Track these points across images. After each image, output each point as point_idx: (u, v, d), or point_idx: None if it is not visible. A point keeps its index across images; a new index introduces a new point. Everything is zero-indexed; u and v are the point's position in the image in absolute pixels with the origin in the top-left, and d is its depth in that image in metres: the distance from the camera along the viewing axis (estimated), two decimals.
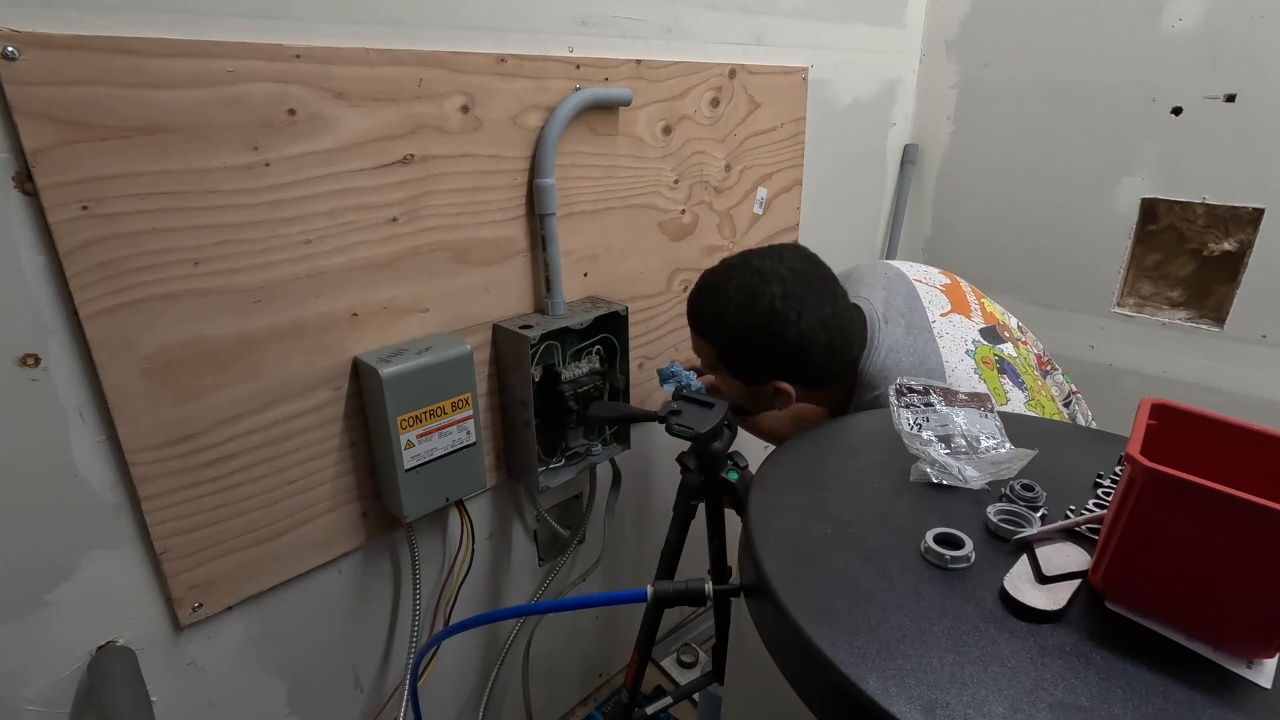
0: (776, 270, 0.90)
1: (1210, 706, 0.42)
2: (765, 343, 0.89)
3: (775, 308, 0.88)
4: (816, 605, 0.49)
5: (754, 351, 0.91)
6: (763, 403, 0.98)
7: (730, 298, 0.91)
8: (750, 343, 0.91)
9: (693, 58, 1.20)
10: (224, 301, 0.77)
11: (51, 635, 0.75)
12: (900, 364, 0.91)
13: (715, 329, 0.94)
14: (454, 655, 1.21)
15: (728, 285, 0.92)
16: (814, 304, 0.89)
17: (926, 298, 0.99)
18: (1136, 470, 0.45)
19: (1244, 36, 1.36)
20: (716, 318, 0.93)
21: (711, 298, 0.94)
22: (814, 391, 0.96)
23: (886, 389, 0.86)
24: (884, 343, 0.93)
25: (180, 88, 0.70)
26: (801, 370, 0.91)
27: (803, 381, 0.93)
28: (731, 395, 1.00)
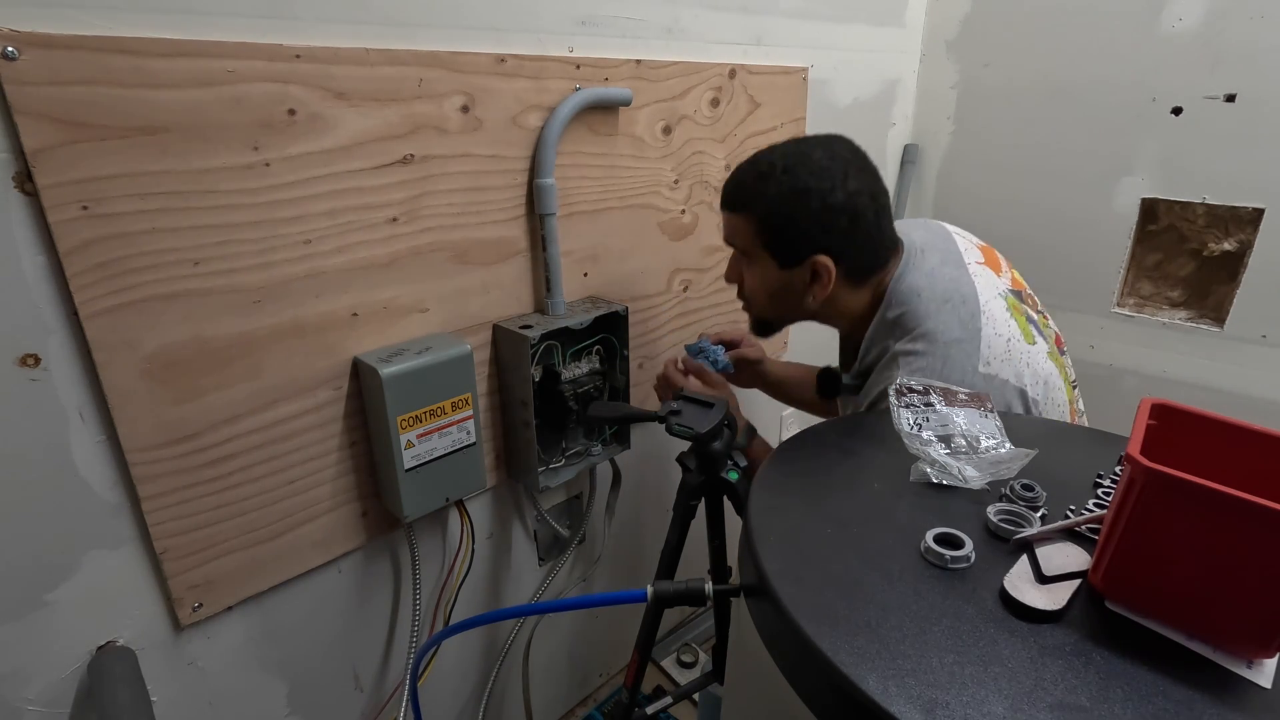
0: (820, 141, 0.89)
1: (1210, 706, 0.42)
2: (810, 205, 0.86)
3: (823, 166, 0.86)
4: (816, 605, 0.49)
5: (798, 215, 0.87)
6: (795, 294, 0.93)
7: (775, 163, 0.88)
8: (794, 206, 0.86)
9: (693, 58, 1.20)
10: (224, 301, 0.77)
11: (51, 635, 0.75)
12: (934, 287, 0.88)
13: (757, 197, 0.89)
14: (454, 655, 1.21)
15: (771, 155, 0.89)
16: (862, 172, 0.88)
17: (962, 245, 0.97)
18: (1136, 470, 0.45)
19: (1244, 36, 1.36)
20: (760, 184, 0.89)
21: (754, 167, 0.90)
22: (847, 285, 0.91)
23: (914, 306, 0.87)
24: (920, 267, 0.91)
25: (180, 88, 0.70)
26: (845, 240, 0.87)
27: (843, 255, 0.88)
28: (762, 290, 0.95)
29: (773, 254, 0.91)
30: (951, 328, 0.85)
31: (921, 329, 0.86)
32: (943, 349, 0.84)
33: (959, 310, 0.86)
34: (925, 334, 0.85)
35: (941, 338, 0.84)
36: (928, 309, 0.87)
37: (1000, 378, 0.84)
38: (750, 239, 0.92)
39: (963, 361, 0.83)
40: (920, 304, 0.87)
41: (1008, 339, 0.86)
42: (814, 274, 0.90)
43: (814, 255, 0.88)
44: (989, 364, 0.84)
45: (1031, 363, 0.87)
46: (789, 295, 0.94)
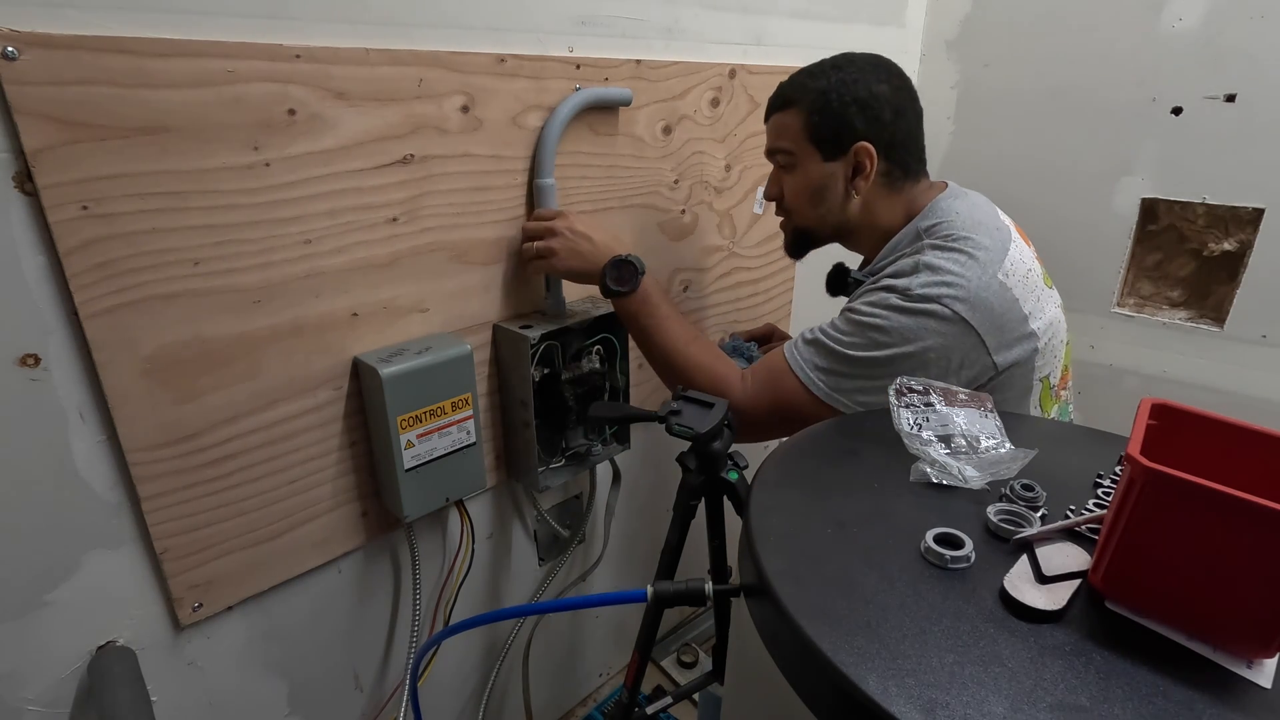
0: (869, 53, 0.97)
1: (1210, 706, 0.42)
2: (858, 93, 0.92)
3: (871, 65, 0.94)
4: (816, 605, 0.49)
5: (846, 101, 0.93)
6: (837, 191, 0.98)
7: (823, 64, 0.96)
8: (842, 94, 0.93)
9: (693, 58, 1.20)
10: (224, 301, 0.77)
11: (52, 635, 0.75)
12: (973, 213, 0.93)
13: (807, 90, 0.95)
14: (454, 655, 1.21)
15: (820, 61, 0.97)
16: (901, 80, 0.95)
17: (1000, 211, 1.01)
18: (1136, 470, 0.45)
19: (1244, 36, 1.36)
20: (810, 79, 0.96)
21: (804, 70, 0.98)
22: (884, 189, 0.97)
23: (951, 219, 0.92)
24: (962, 197, 0.96)
25: (180, 88, 0.70)
26: (891, 129, 0.93)
27: (886, 145, 0.94)
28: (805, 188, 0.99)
29: (818, 145, 0.96)
30: (982, 240, 0.90)
31: (955, 235, 0.90)
32: (970, 251, 0.88)
33: (992, 232, 0.91)
34: (957, 239, 0.90)
35: (969, 245, 0.89)
36: (964, 224, 0.91)
37: (1013, 294, 0.88)
38: (796, 133, 0.97)
39: (987, 264, 0.88)
40: (957, 219, 0.92)
41: (1029, 269, 0.92)
42: (856, 165, 0.95)
43: (857, 143, 0.93)
44: (1008, 276, 0.88)
45: (1043, 300, 0.92)
46: (831, 192, 0.98)
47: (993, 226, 0.92)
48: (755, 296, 1.54)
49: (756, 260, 1.50)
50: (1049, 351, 0.92)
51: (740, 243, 1.45)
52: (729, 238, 1.42)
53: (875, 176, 0.95)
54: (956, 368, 0.87)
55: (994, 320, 0.86)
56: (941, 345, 0.86)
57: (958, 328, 0.85)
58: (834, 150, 0.95)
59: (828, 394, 0.91)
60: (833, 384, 0.91)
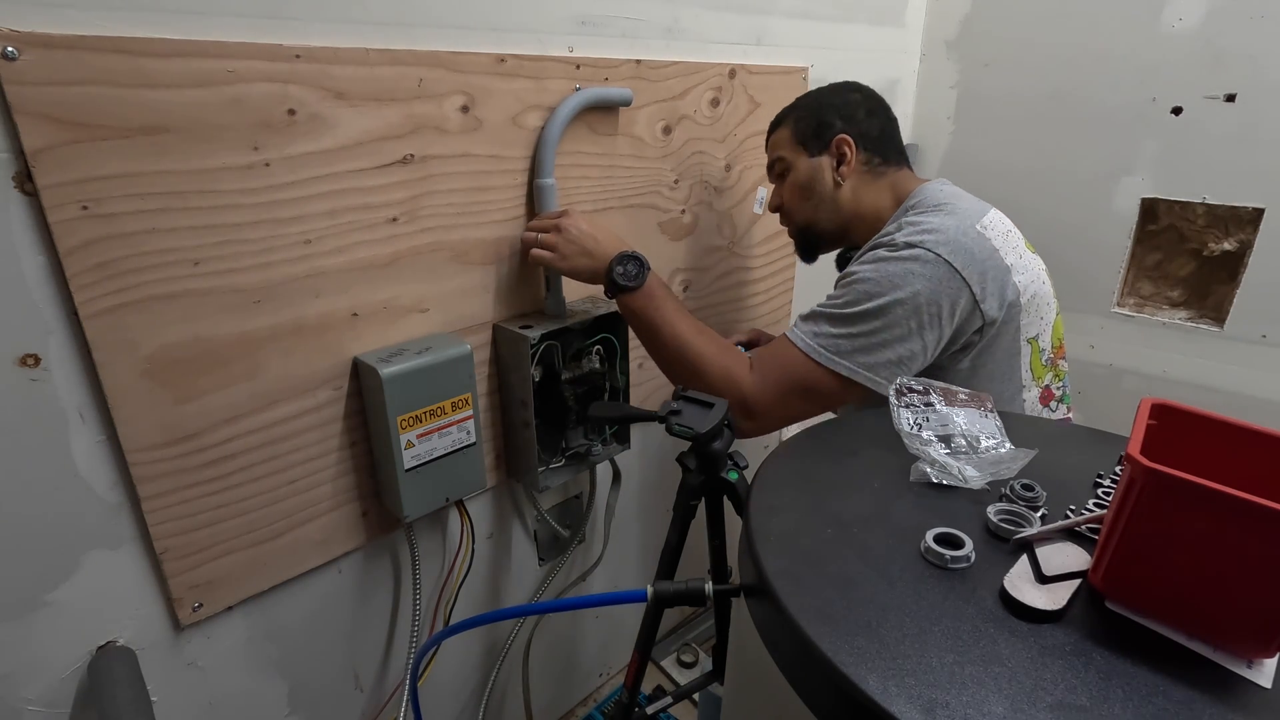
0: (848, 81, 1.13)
1: (1210, 706, 0.42)
2: (833, 100, 1.08)
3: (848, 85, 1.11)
4: (816, 605, 0.49)
5: (822, 106, 1.08)
6: (825, 183, 1.08)
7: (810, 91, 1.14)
8: (820, 100, 1.09)
9: (693, 58, 1.20)
10: (224, 301, 0.77)
11: (52, 635, 0.75)
12: (958, 204, 0.98)
13: (792, 108, 1.12)
14: (454, 655, 1.21)
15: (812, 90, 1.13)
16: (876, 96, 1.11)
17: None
18: (1136, 470, 0.45)
19: (1244, 36, 1.36)
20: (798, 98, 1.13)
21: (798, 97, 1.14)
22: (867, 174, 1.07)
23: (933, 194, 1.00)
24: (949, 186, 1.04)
25: (180, 88, 0.69)
26: (866, 125, 1.07)
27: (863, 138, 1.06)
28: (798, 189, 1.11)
29: (804, 145, 1.09)
30: (960, 205, 0.97)
31: (935, 202, 0.99)
32: (948, 209, 0.96)
33: (971, 201, 1.00)
34: (936, 204, 0.98)
35: (948, 207, 0.97)
36: (946, 199, 0.99)
37: (993, 245, 0.94)
38: (786, 142, 1.11)
39: (965, 215, 0.95)
40: (941, 195, 1.00)
41: (1009, 231, 0.99)
42: (839, 155, 1.06)
43: (836, 136, 1.06)
44: (986, 229, 0.95)
45: (1025, 260, 0.97)
46: (820, 184, 1.09)
47: (973, 199, 1.01)
48: (755, 296, 1.54)
49: (756, 260, 1.50)
50: (1033, 310, 0.96)
51: (740, 243, 1.45)
52: (729, 238, 1.42)
53: (857, 165, 1.06)
54: (949, 315, 0.90)
55: (976, 264, 0.90)
56: (930, 290, 0.89)
57: (942, 269, 0.89)
58: (818, 147, 1.08)
59: (828, 358, 0.92)
60: (831, 346, 0.92)
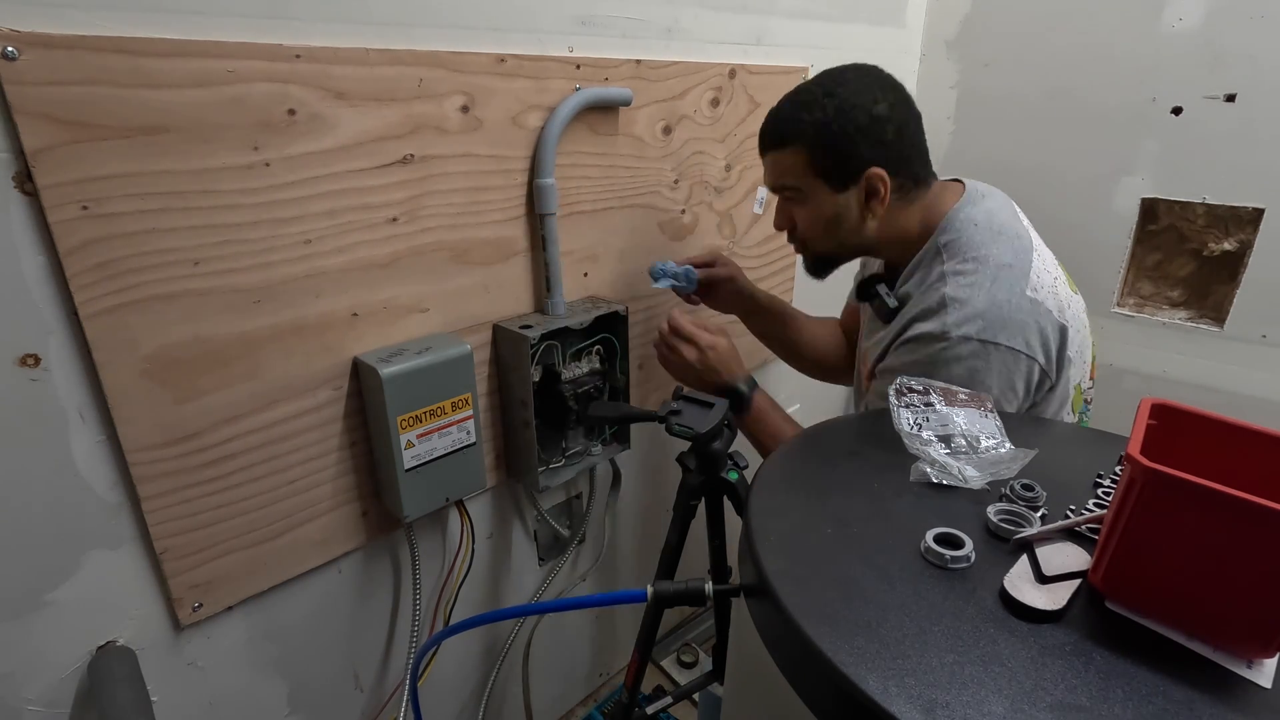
0: (851, 66, 0.92)
1: (1210, 706, 0.42)
2: (858, 118, 0.87)
3: (863, 84, 0.88)
4: (816, 605, 0.49)
5: (847, 133, 0.88)
6: (852, 217, 0.93)
7: (813, 91, 0.90)
8: (842, 122, 0.88)
9: (693, 58, 1.20)
10: (224, 301, 0.77)
11: (52, 635, 0.75)
12: (991, 222, 0.90)
13: (803, 125, 0.90)
14: (454, 655, 1.21)
15: (809, 86, 0.92)
16: (897, 90, 0.90)
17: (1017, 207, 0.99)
18: (1136, 470, 0.45)
19: (1244, 36, 1.36)
20: (804, 111, 0.90)
21: (793, 100, 0.92)
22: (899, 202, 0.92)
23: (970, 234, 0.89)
24: (979, 204, 0.93)
25: (180, 88, 0.69)
26: (897, 149, 0.90)
27: (897, 167, 0.90)
28: (817, 223, 0.95)
29: (825, 180, 0.92)
30: (1004, 254, 0.87)
31: (974, 253, 0.88)
32: (993, 270, 0.86)
33: (1013, 242, 0.89)
34: (977, 257, 0.87)
35: (993, 260, 0.87)
36: (983, 237, 0.89)
37: (1045, 305, 0.86)
38: (801, 171, 0.92)
39: (1011, 283, 0.86)
40: (976, 232, 0.89)
41: (1055, 278, 0.90)
42: (869, 190, 0.91)
43: (868, 169, 0.89)
44: (1036, 291, 0.86)
45: (1073, 307, 0.91)
46: (846, 220, 0.94)
47: (1013, 234, 0.90)
48: None
49: (756, 260, 1.50)
50: (1080, 359, 0.92)
51: (740, 243, 1.45)
52: (729, 238, 1.42)
53: (890, 192, 0.91)
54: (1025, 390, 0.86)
55: (1034, 337, 0.85)
56: (1003, 382, 0.84)
57: (1008, 357, 0.84)
58: (844, 181, 0.91)
59: None
60: None
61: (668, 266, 1.12)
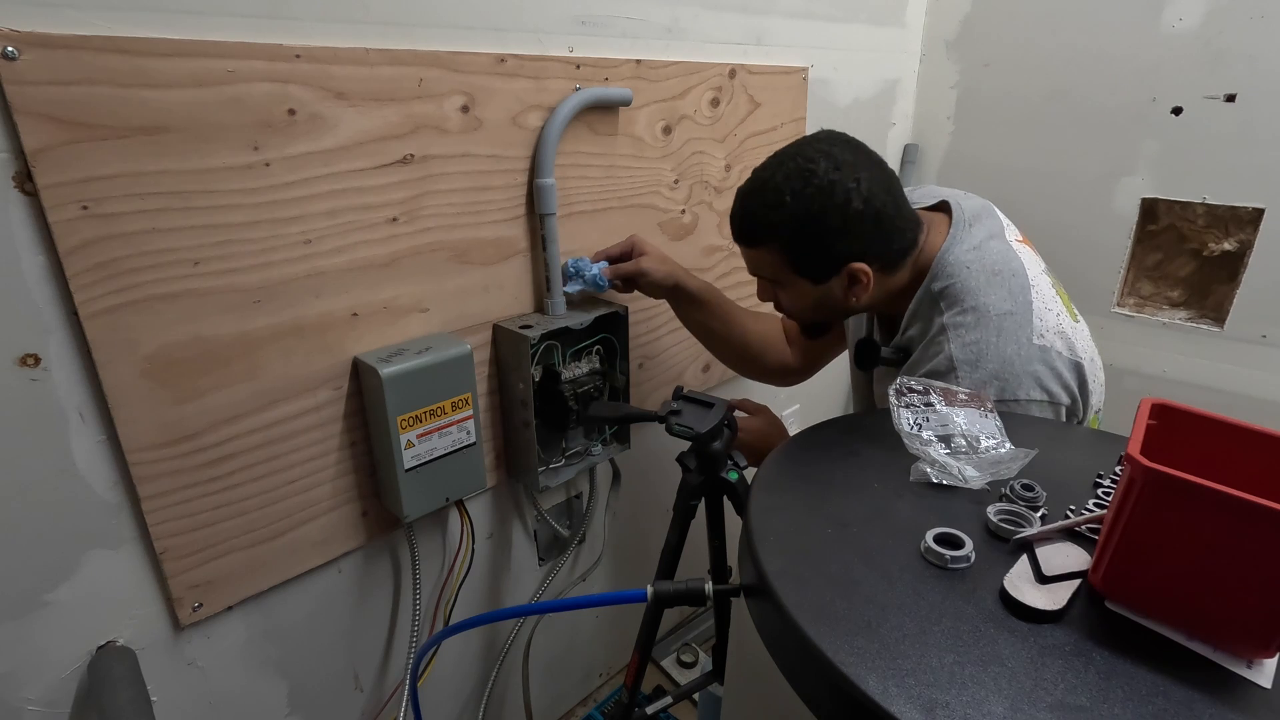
0: (819, 149, 0.85)
1: (1210, 706, 0.42)
2: (831, 220, 0.84)
3: (833, 180, 0.83)
4: (816, 605, 0.49)
5: (822, 234, 0.85)
6: (837, 301, 0.91)
7: (780, 188, 0.85)
8: (815, 228, 0.84)
9: (693, 58, 1.20)
10: (224, 301, 0.77)
11: (52, 635, 0.75)
12: (984, 259, 0.87)
13: (773, 228, 0.87)
14: (454, 655, 1.21)
15: (774, 180, 0.86)
16: (867, 167, 0.85)
17: (1004, 219, 0.96)
18: (1136, 470, 0.45)
19: (1244, 36, 1.36)
20: (773, 213, 0.86)
21: (761, 198, 0.87)
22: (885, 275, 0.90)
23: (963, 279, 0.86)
24: (967, 240, 0.89)
25: (180, 88, 0.70)
26: (876, 238, 0.86)
27: (878, 253, 0.87)
28: (802, 307, 0.95)
29: (805, 276, 0.90)
30: (1003, 300, 0.85)
31: (971, 301, 0.85)
32: (995, 321, 0.84)
33: (1009, 283, 0.86)
34: (975, 307, 0.85)
35: (993, 310, 0.84)
36: (977, 282, 0.86)
37: (1055, 349, 0.84)
38: (778, 268, 0.90)
39: (1016, 333, 0.83)
40: (969, 276, 0.86)
41: (1057, 313, 0.87)
42: (852, 279, 0.88)
43: (847, 264, 0.87)
44: (1043, 336, 0.84)
45: (1079, 337, 0.88)
46: (831, 301, 0.92)
47: (1008, 273, 0.86)
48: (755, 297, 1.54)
49: None
50: (1095, 381, 0.89)
51: None
52: (729, 238, 1.41)
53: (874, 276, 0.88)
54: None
55: (1054, 383, 0.83)
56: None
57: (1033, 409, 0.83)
58: (823, 276, 0.89)
59: None
60: None
61: (581, 265, 1.07)
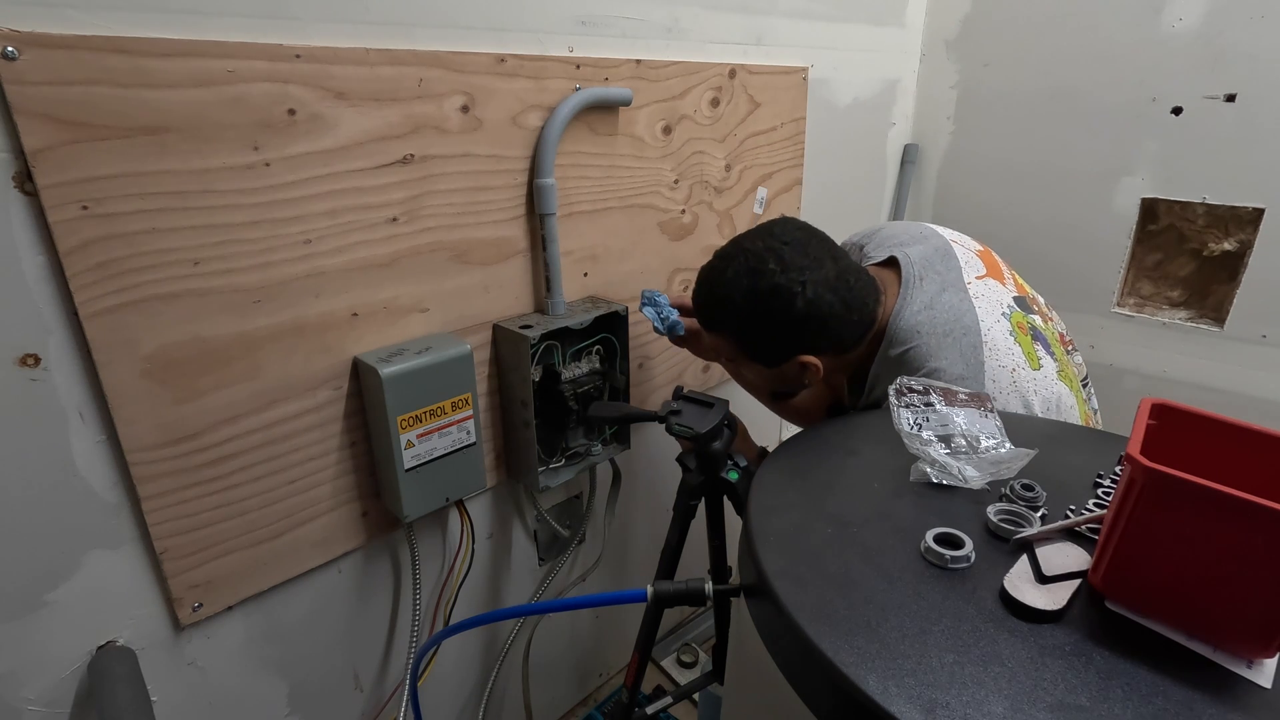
0: (770, 247, 0.89)
1: (1210, 706, 0.42)
2: (777, 321, 0.89)
3: (778, 284, 0.87)
4: (816, 605, 0.49)
5: (768, 332, 0.90)
6: (792, 382, 0.98)
7: (731, 285, 0.90)
8: (763, 325, 0.90)
9: (693, 58, 1.20)
10: (224, 301, 0.77)
11: (52, 635, 0.75)
12: (935, 320, 0.89)
13: (724, 320, 0.93)
14: (454, 655, 1.21)
15: (725, 275, 0.91)
16: (815, 269, 0.88)
17: (962, 259, 0.97)
18: (1136, 470, 0.45)
19: (1244, 36, 1.36)
20: (723, 309, 0.92)
21: (713, 291, 0.93)
22: (842, 355, 0.94)
23: (916, 345, 0.88)
24: (918, 299, 0.92)
25: (180, 88, 0.70)
26: (820, 338, 0.90)
27: (825, 349, 0.92)
28: (761, 383, 1.02)
29: (759, 361, 0.95)
30: (955, 363, 0.86)
31: (926, 367, 0.87)
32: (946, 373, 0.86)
33: (960, 343, 0.88)
34: (930, 372, 0.87)
35: (946, 375, 0.86)
36: (929, 347, 0.88)
37: (1010, 410, 0.84)
38: (734, 351, 0.97)
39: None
40: (922, 341, 0.89)
41: (1012, 369, 0.87)
42: (803, 367, 0.93)
43: (796, 357, 0.92)
44: (996, 396, 0.85)
45: (1039, 389, 0.87)
46: (787, 381, 0.99)
47: (960, 332, 0.88)
48: None
49: None
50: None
51: None
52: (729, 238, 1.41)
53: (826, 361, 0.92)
54: None
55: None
56: None
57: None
58: (775, 361, 0.94)
59: None
60: None
61: (660, 301, 1.10)
